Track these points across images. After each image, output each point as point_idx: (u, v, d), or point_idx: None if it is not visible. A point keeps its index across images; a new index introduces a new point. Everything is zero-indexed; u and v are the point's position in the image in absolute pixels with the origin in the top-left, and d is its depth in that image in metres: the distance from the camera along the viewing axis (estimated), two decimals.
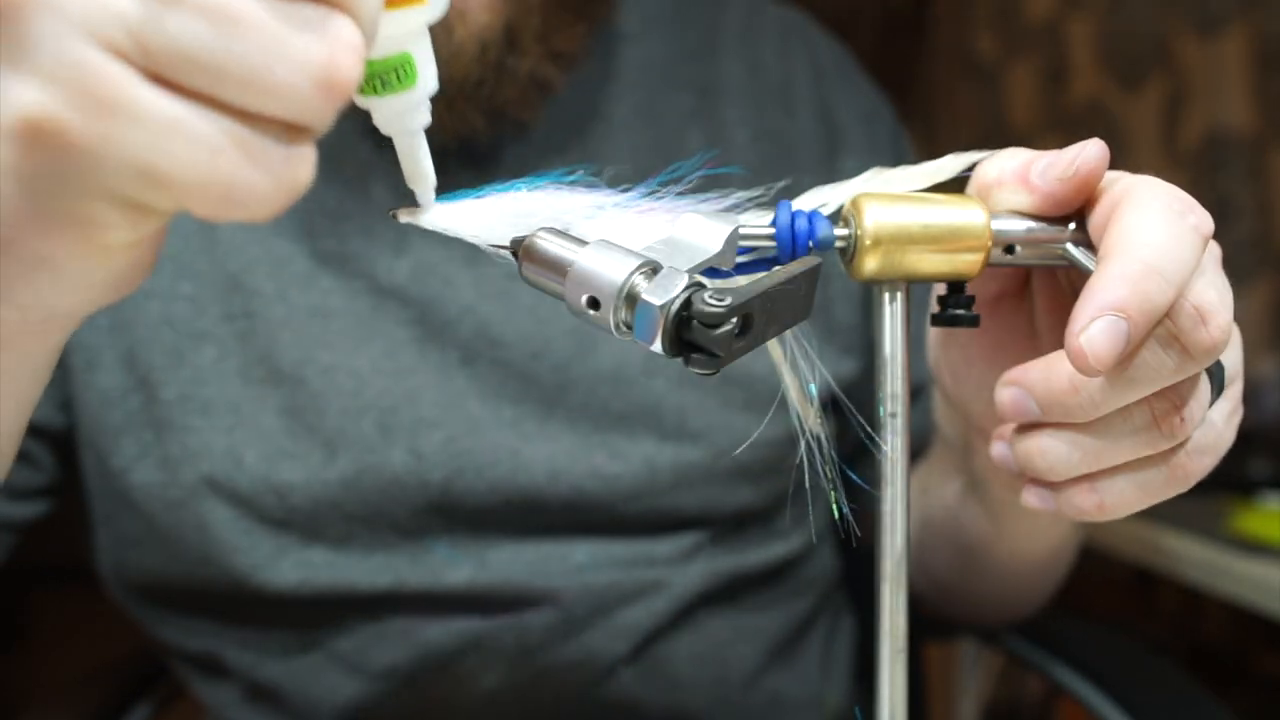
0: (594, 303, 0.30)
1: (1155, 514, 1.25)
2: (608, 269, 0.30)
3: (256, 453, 0.57)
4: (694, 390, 0.60)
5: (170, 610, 0.62)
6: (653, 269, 0.30)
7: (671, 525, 0.61)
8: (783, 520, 0.65)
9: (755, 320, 0.30)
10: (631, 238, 0.33)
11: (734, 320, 0.29)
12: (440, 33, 0.52)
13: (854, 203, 0.36)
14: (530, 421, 0.59)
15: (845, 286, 0.67)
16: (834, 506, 0.36)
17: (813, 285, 0.32)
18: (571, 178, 0.35)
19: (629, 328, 0.30)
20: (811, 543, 0.68)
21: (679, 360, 0.30)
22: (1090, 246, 0.36)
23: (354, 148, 0.61)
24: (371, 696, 0.59)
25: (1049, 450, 0.36)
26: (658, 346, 0.29)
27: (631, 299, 0.30)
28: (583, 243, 0.32)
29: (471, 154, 0.61)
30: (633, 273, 0.30)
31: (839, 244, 0.36)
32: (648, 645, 0.61)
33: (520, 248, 0.33)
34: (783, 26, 0.72)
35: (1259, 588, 1.04)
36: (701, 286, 0.30)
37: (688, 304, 0.29)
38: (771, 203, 0.36)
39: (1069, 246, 0.37)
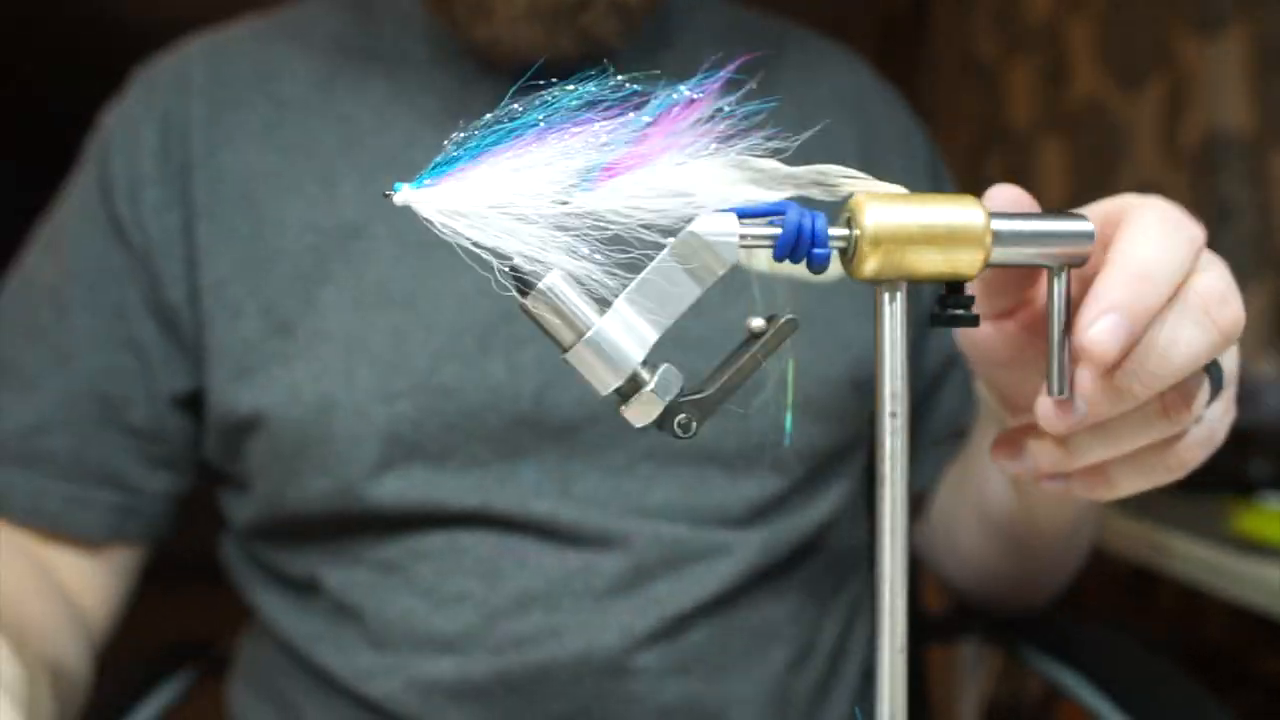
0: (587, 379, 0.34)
1: (1155, 514, 1.25)
2: (602, 369, 0.34)
3: (369, 369, 0.61)
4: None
5: (280, 540, 0.66)
6: (640, 378, 0.34)
7: (747, 455, 0.64)
8: (829, 472, 0.68)
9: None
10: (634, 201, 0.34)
11: (698, 425, 0.35)
12: None
13: (854, 202, 0.36)
14: None
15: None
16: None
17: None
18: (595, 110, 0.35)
19: (621, 395, 0.35)
20: (846, 508, 0.71)
21: None
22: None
23: (473, 99, 0.66)
24: (441, 619, 0.62)
25: (1079, 445, 0.42)
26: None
27: (620, 393, 0.34)
28: (583, 317, 0.33)
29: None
30: (623, 384, 0.34)
31: (839, 244, 0.36)
32: (709, 610, 0.63)
33: (523, 293, 0.34)
34: (837, 93, 0.75)
35: (1259, 588, 1.04)
36: (679, 401, 0.34)
37: (660, 425, 0.34)
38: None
39: (1061, 276, 0.38)
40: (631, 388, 0.34)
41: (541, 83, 0.35)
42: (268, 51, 0.70)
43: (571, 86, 0.35)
